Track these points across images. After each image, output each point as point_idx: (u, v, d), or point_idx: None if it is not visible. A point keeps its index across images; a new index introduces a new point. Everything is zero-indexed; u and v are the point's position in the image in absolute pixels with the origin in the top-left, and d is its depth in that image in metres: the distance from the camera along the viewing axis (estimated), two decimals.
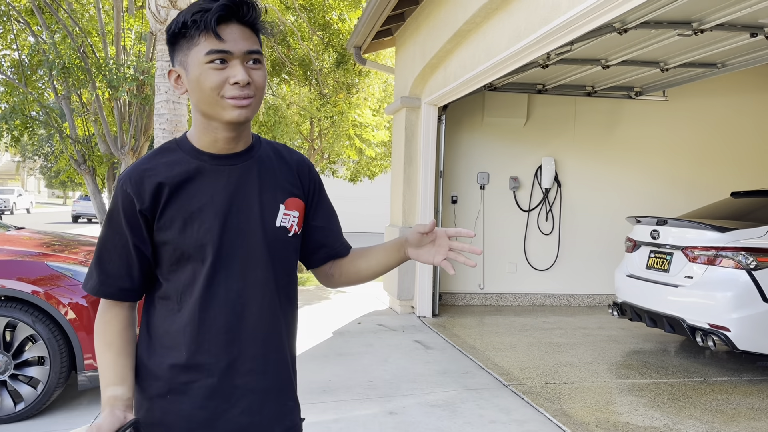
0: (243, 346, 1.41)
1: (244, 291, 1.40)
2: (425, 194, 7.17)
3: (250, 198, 1.41)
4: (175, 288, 1.39)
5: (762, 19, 4.74)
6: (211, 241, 1.36)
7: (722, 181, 8.26)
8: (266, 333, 1.44)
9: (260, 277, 1.42)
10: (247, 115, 1.35)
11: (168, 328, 1.40)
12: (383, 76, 11.28)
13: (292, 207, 1.48)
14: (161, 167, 1.38)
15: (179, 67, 1.37)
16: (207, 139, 1.39)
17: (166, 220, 1.36)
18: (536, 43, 4.31)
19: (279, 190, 1.47)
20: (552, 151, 8.14)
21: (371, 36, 7.47)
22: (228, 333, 1.40)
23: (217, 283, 1.38)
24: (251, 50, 1.34)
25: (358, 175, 13.03)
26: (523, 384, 4.70)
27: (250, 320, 1.42)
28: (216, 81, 1.31)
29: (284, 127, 9.70)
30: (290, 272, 1.50)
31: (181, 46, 1.35)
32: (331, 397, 4.36)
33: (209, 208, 1.37)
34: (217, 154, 1.40)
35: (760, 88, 8.41)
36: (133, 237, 1.37)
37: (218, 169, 1.40)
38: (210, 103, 1.33)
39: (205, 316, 1.38)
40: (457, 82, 5.92)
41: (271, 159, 1.49)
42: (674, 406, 4.25)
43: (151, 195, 1.35)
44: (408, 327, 6.73)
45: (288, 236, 1.47)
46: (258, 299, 1.42)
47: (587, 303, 8.24)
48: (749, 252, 4.71)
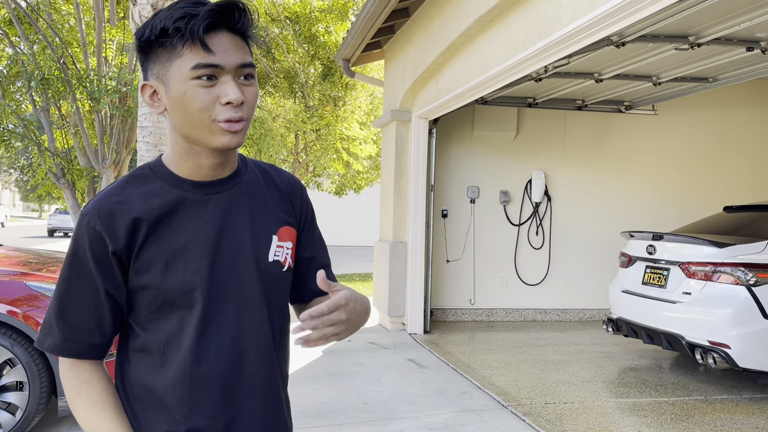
0: (241, 402, 1.22)
1: (238, 339, 1.20)
2: (416, 208, 7.06)
3: (241, 230, 1.22)
4: (157, 339, 1.17)
5: (759, 33, 4.72)
6: (200, 284, 1.16)
7: (712, 194, 8.27)
8: (264, 386, 1.25)
9: (255, 321, 1.23)
10: (238, 141, 1.15)
11: (150, 387, 1.18)
12: (369, 89, 11.21)
13: (286, 237, 1.30)
14: (136, 199, 1.16)
15: (156, 81, 1.14)
16: (189, 165, 1.19)
17: (145, 262, 1.15)
18: (535, 55, 4.24)
19: (271, 218, 1.28)
20: (542, 165, 8.09)
21: (360, 49, 7.37)
22: (224, 390, 1.20)
23: (209, 332, 1.18)
24: (244, 63, 1.13)
25: (343, 189, 12.91)
26: (523, 404, 4.57)
27: (247, 373, 1.22)
28: (205, 101, 1.10)
29: (270, 140, 9.55)
30: (285, 313, 1.32)
31: (158, 56, 1.12)
32: (325, 421, 4.19)
33: (195, 245, 1.17)
34: (200, 182, 1.20)
35: (748, 102, 8.46)
36: (104, 282, 1.15)
37: (202, 198, 1.19)
38: (196, 127, 1.12)
39: (197, 372, 1.17)
40: (450, 96, 5.83)
41: (259, 182, 1.29)
42: (678, 427, 4.15)
43: (127, 233, 1.14)
44: (399, 345, 6.58)
45: (282, 271, 1.28)
46: (254, 347, 1.22)
47: (578, 318, 8.16)
48: (748, 267, 4.65)
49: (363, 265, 16.05)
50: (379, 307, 7.68)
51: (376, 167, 12.62)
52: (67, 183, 9.70)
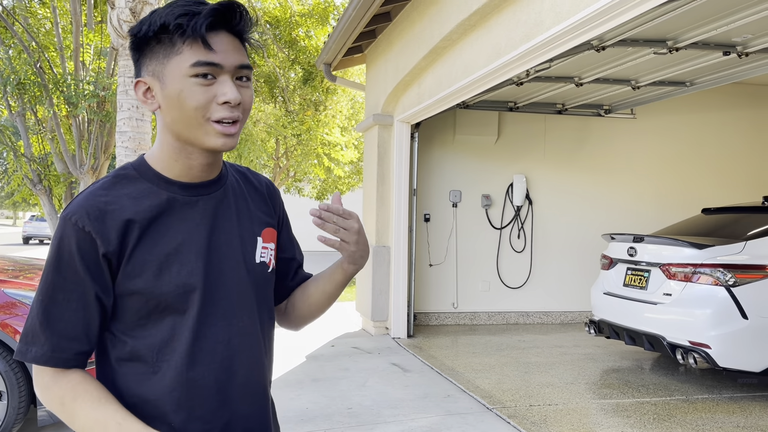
0: (235, 406, 1.21)
1: (232, 342, 1.19)
2: (399, 213, 7.06)
3: (230, 232, 1.22)
4: (148, 346, 1.14)
5: (735, 38, 4.81)
6: (197, 286, 1.15)
7: (688, 196, 8.39)
8: (256, 387, 1.25)
9: (247, 323, 1.22)
10: (232, 143, 1.15)
11: (144, 396, 1.14)
12: (350, 94, 11.20)
13: (268, 239, 1.30)
14: (125, 200, 1.14)
15: (151, 77, 1.13)
16: (180, 166, 1.17)
17: (137, 266, 1.12)
18: (518, 59, 4.26)
19: (255, 220, 1.28)
20: (523, 169, 8.14)
21: (342, 53, 7.37)
22: (219, 393, 1.18)
23: (203, 335, 1.16)
24: (243, 65, 1.13)
25: (324, 194, 12.87)
26: (507, 407, 4.58)
27: (239, 375, 1.21)
28: (202, 99, 1.09)
29: (250, 145, 9.49)
30: (272, 315, 1.32)
31: (156, 53, 1.12)
32: (311, 427, 4.16)
33: (188, 248, 1.16)
34: (189, 183, 1.19)
35: (723, 106, 8.61)
36: (94, 285, 1.11)
37: (191, 200, 1.18)
38: (191, 125, 1.11)
39: (193, 376, 1.15)
40: (432, 100, 5.85)
41: (240, 185, 1.30)
42: (660, 427, 4.18)
43: (119, 235, 1.11)
44: (383, 349, 6.56)
45: (268, 272, 1.29)
46: (246, 349, 1.22)
47: (560, 321, 8.22)
48: (727, 268, 4.72)
49: None
50: (362, 312, 7.66)
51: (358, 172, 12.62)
52: (44, 189, 9.54)
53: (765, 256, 4.75)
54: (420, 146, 7.54)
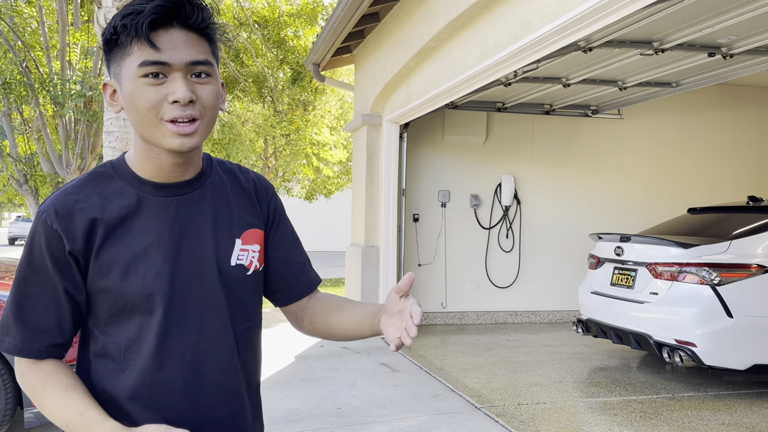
0: (204, 409, 1.20)
1: (201, 345, 1.18)
2: (387, 213, 7.07)
3: (203, 234, 1.20)
4: (117, 344, 1.15)
5: (720, 39, 4.86)
6: (161, 289, 1.14)
7: (674, 196, 8.46)
8: (229, 391, 1.23)
9: (219, 326, 1.21)
10: (192, 144, 1.11)
11: (113, 393, 1.16)
12: (339, 94, 11.20)
13: (251, 240, 1.27)
14: (95, 199, 1.14)
15: (113, 80, 1.13)
16: (150, 167, 1.16)
17: (104, 265, 1.12)
18: (505, 60, 4.29)
19: (235, 221, 1.25)
20: (511, 169, 8.18)
21: (330, 53, 7.37)
22: (186, 396, 1.17)
23: (170, 337, 1.16)
24: (195, 60, 1.09)
25: (314, 193, 12.86)
26: (496, 406, 4.60)
27: (210, 379, 1.20)
28: (152, 99, 1.07)
29: (239, 145, 9.46)
30: (251, 316, 1.29)
31: (114, 55, 1.11)
32: (300, 427, 4.16)
33: (156, 249, 1.14)
34: (162, 183, 1.18)
35: (709, 107, 8.69)
36: (63, 281, 1.12)
37: (164, 201, 1.17)
38: (147, 126, 1.10)
39: (159, 378, 1.15)
40: (420, 100, 5.87)
41: (224, 184, 1.27)
42: (647, 425, 4.22)
43: (84, 234, 1.11)
44: (372, 349, 6.57)
45: (246, 275, 1.26)
46: (218, 353, 1.20)
47: (548, 320, 8.26)
48: (712, 267, 4.77)
49: (334, 270, 16.00)
50: None
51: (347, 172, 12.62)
52: (30, 189, 9.47)
53: (749, 255, 4.81)
54: (409, 146, 7.55)
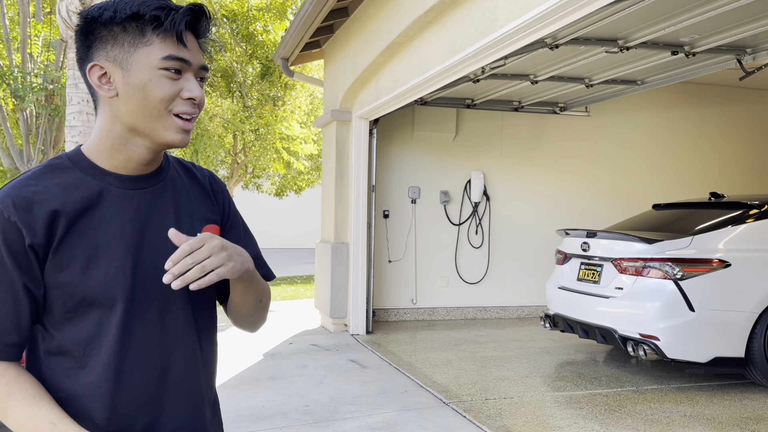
0: (165, 405, 1.19)
1: (163, 340, 1.18)
2: (357, 209, 7.04)
3: (165, 228, 1.19)
4: (75, 340, 1.12)
5: (683, 38, 4.94)
6: (123, 283, 1.13)
7: (640, 192, 8.60)
8: (190, 387, 1.23)
9: (181, 321, 1.21)
10: (188, 140, 1.17)
11: (71, 391, 1.13)
12: (309, 89, 11.13)
13: None
14: (54, 190, 1.11)
15: (111, 64, 1.11)
16: (119, 158, 1.16)
17: (64, 258, 1.09)
18: (473, 56, 4.30)
19: (195, 216, 1.26)
20: (481, 165, 8.22)
21: (299, 48, 7.30)
22: (147, 391, 1.17)
23: (132, 332, 1.14)
24: (205, 66, 1.18)
25: (284, 190, 12.76)
26: (464, 401, 4.62)
27: (172, 374, 1.20)
28: (169, 92, 1.11)
29: (207, 140, 9.34)
30: (212, 313, 1.31)
31: (119, 40, 1.10)
32: (266, 425, 4.12)
33: (118, 242, 1.13)
34: (125, 176, 1.17)
35: (673, 104, 8.85)
36: (21, 276, 1.08)
37: (126, 193, 1.16)
38: (152, 117, 1.11)
39: (120, 374, 1.14)
40: (389, 96, 5.85)
41: (182, 179, 1.28)
42: (611, 417, 4.28)
43: (45, 226, 1.08)
44: (342, 346, 6.54)
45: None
46: (180, 348, 1.20)
47: (517, 315, 8.34)
48: (675, 262, 4.85)
49: (305, 267, 15.92)
50: (321, 309, 7.63)
51: (317, 168, 12.55)
52: None
53: (711, 250, 4.91)
54: (379, 143, 7.53)
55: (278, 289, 11.68)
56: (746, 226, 5.06)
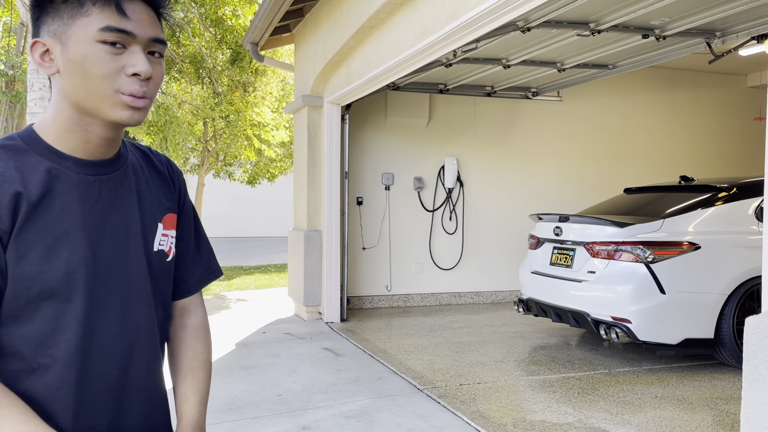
0: (126, 403, 1.13)
1: (125, 335, 1.11)
2: (330, 196, 6.96)
3: (129, 217, 1.12)
4: (26, 339, 1.02)
5: (653, 21, 4.94)
6: (85, 274, 1.04)
7: (611, 177, 8.66)
8: (150, 384, 1.17)
9: (143, 315, 1.14)
10: (139, 118, 1.06)
11: (26, 394, 1.02)
12: (281, 75, 10.96)
13: (170, 225, 1.22)
14: (13, 172, 1.01)
15: (51, 38, 1.03)
16: (75, 140, 1.06)
17: (21, 246, 1.00)
18: (443, 39, 4.23)
19: (156, 205, 1.19)
20: (454, 151, 8.19)
21: (269, 32, 7.16)
22: (109, 389, 1.10)
23: (93, 328, 1.07)
24: (157, 38, 1.05)
25: (256, 178, 12.60)
26: (438, 387, 4.60)
27: (135, 371, 1.13)
28: (108, 68, 1.00)
29: (176, 128, 9.15)
30: (168, 306, 1.24)
31: (60, 12, 1.02)
32: (238, 415, 4.05)
33: (79, 231, 1.04)
34: (85, 160, 1.08)
35: (644, 89, 8.91)
36: None
37: (87, 179, 1.07)
38: (94, 95, 1.02)
39: (84, 373, 1.06)
40: (361, 80, 5.76)
41: (141, 166, 1.20)
42: (584, 400, 4.30)
43: (10, 210, 0.99)
44: (316, 334, 6.49)
45: (167, 261, 1.20)
46: (142, 343, 1.14)
47: (491, 300, 8.36)
48: (646, 246, 4.88)
49: (279, 255, 15.80)
50: (294, 297, 7.55)
51: (290, 155, 12.41)
52: None
53: (681, 233, 4.95)
54: (351, 128, 7.45)
55: (252, 278, 11.56)
56: (715, 209, 5.11)
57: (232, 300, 8.83)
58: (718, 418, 3.93)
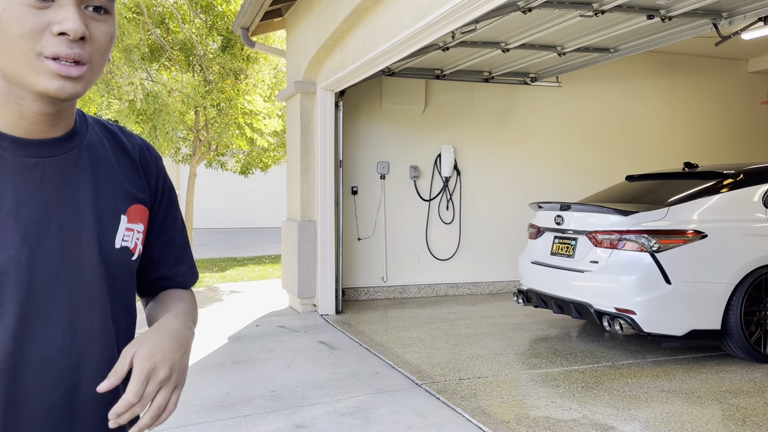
0: (74, 428, 0.95)
1: (74, 347, 0.93)
2: (324, 185, 6.77)
3: (80, 207, 0.94)
4: None
5: (659, 0, 4.75)
6: (16, 278, 0.88)
7: (611, 164, 8.51)
8: (107, 406, 0.98)
9: (97, 324, 0.96)
10: (73, 91, 0.87)
11: None
12: (273, 63, 10.73)
13: (136, 218, 1.03)
14: None
15: None
16: (8, 115, 0.89)
17: None
18: (442, 19, 4.04)
19: (119, 194, 1.01)
20: (451, 139, 8.00)
21: (259, 16, 6.93)
22: (51, 413, 0.92)
23: (30, 340, 0.90)
24: None
25: (249, 168, 12.38)
26: (437, 382, 4.45)
27: (83, 391, 0.95)
28: (30, 25, 0.83)
29: (166, 116, 8.91)
30: (131, 311, 1.06)
31: None
32: (230, 413, 3.89)
33: (11, 225, 0.88)
34: (24, 139, 0.91)
35: (644, 75, 8.73)
36: None
37: (26, 162, 0.90)
38: (15, 59, 0.84)
39: (15, 393, 0.89)
40: (355, 65, 5.57)
41: (104, 147, 1.01)
42: (589, 395, 4.16)
43: None
44: (311, 327, 6.32)
45: (131, 260, 1.02)
46: (95, 358, 0.95)
47: (489, 291, 8.21)
48: (651, 234, 4.72)
49: (273, 246, 15.62)
50: (289, 289, 7.38)
51: (283, 144, 12.19)
52: None
53: (687, 221, 4.79)
54: (346, 116, 7.25)
55: (245, 269, 11.39)
56: (722, 196, 4.95)
57: (225, 292, 8.65)
58: (729, 413, 3.78)
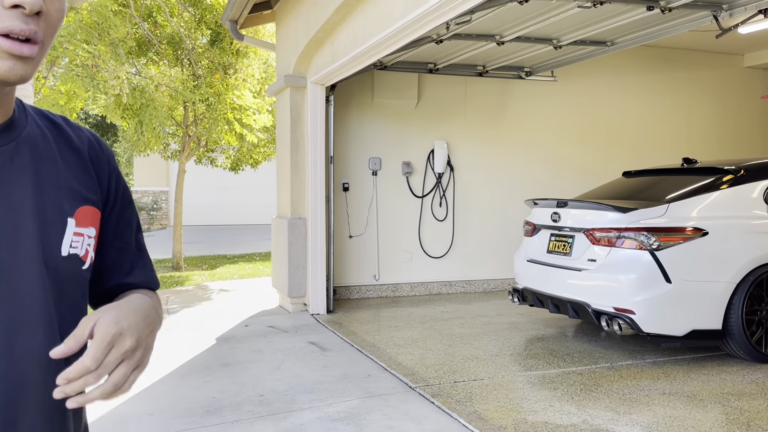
0: None
1: (11, 375, 0.79)
2: (315, 182, 6.61)
3: (18, 209, 0.82)
4: None
5: None
6: None
7: (607, 159, 8.39)
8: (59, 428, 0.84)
9: (39, 346, 0.81)
10: (23, 72, 0.76)
11: None
12: (263, 57, 10.54)
13: (87, 222, 0.90)
14: None
15: None
16: None
17: None
18: (436, 9, 3.88)
19: (65, 194, 0.88)
20: (444, 134, 7.86)
21: (248, 8, 6.76)
22: None
23: None
24: None
25: (239, 164, 12.18)
26: (431, 385, 4.31)
27: (26, 425, 0.80)
28: None
29: (153, 111, 8.71)
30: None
31: None
32: (216, 419, 3.73)
33: None
34: None
35: (639, 69, 8.61)
36: None
37: None
38: None
39: None
40: (346, 58, 5.41)
41: (47, 141, 0.88)
42: (588, 398, 4.03)
43: None
44: (301, 327, 6.16)
45: (82, 270, 0.88)
46: (37, 384, 0.81)
47: (483, 289, 8.08)
48: (651, 232, 4.60)
49: (264, 243, 15.44)
50: (279, 288, 7.22)
51: (274, 141, 12.00)
52: None
53: (687, 218, 4.67)
54: (337, 111, 7.09)
55: (235, 267, 11.22)
56: (722, 192, 4.83)
57: (214, 291, 8.48)
58: (732, 417, 3.66)
